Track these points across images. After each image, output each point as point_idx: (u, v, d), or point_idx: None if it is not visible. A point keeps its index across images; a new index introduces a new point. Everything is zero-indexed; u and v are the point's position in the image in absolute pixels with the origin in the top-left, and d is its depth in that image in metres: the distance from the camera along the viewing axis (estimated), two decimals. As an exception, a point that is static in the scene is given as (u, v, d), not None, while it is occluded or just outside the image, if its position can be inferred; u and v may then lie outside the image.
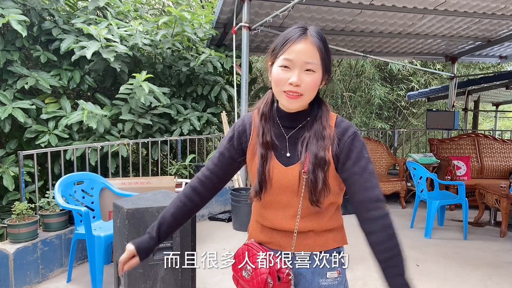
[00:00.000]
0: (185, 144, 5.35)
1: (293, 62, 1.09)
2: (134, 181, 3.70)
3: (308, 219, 1.19)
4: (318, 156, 1.12)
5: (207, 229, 4.56)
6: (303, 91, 1.10)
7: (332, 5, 4.52)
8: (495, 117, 11.35)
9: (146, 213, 2.10)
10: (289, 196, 1.18)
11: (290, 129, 1.19)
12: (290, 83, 1.09)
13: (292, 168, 1.16)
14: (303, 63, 1.09)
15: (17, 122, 4.26)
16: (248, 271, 1.18)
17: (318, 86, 1.14)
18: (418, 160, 5.58)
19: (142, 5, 6.06)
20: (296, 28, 1.12)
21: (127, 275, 2.09)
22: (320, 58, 1.10)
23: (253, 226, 1.32)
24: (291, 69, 1.10)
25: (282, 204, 1.19)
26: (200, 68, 5.49)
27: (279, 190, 1.18)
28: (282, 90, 1.12)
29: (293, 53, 1.09)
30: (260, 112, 1.22)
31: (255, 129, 1.22)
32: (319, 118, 1.17)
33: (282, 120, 1.20)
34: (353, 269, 3.44)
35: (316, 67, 1.10)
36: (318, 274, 1.21)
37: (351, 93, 10.43)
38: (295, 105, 1.13)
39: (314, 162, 1.12)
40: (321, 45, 1.10)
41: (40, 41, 4.72)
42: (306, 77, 1.10)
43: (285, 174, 1.16)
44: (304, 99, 1.13)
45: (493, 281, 3.26)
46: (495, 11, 4.78)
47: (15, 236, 3.01)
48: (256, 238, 1.28)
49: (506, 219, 4.31)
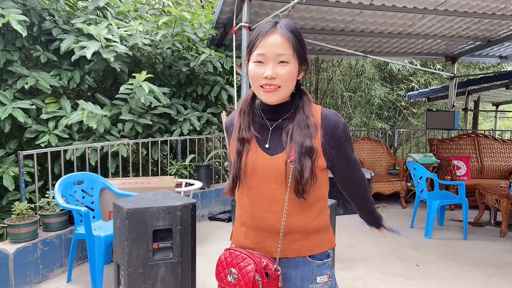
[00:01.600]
0: (185, 144, 5.35)
1: (266, 56, 1.11)
2: (134, 181, 3.70)
3: (296, 216, 1.17)
4: (304, 145, 1.13)
5: (207, 229, 4.56)
6: (279, 83, 1.11)
7: (332, 5, 4.52)
8: (495, 117, 11.35)
9: (146, 213, 2.10)
10: (274, 189, 1.16)
11: (274, 121, 1.21)
12: (265, 76, 1.11)
13: (278, 157, 1.16)
14: (275, 56, 1.10)
15: (17, 122, 4.26)
16: (234, 274, 1.15)
17: (295, 77, 1.15)
18: (418, 160, 5.58)
19: (142, 5, 6.06)
20: (266, 23, 1.15)
21: (127, 275, 2.09)
22: (291, 48, 1.11)
23: (236, 231, 1.29)
24: (265, 64, 1.12)
25: (267, 198, 1.18)
26: (200, 68, 5.49)
27: (266, 180, 1.17)
28: (259, 85, 1.13)
29: (265, 47, 1.11)
30: (239, 108, 1.25)
31: (235, 124, 1.25)
32: (301, 108, 1.18)
33: (265, 113, 1.22)
34: (353, 269, 3.44)
35: (289, 58, 1.11)
36: (308, 279, 1.19)
37: (351, 93, 10.43)
38: (273, 98, 1.14)
39: (300, 151, 1.12)
40: (291, 36, 1.11)
41: (40, 41, 4.72)
42: (280, 69, 1.11)
43: (271, 163, 1.16)
44: (282, 91, 1.13)
45: (493, 281, 3.26)
46: (495, 11, 4.78)
47: (15, 236, 3.01)
48: (240, 243, 1.24)
49: (506, 219, 4.31)
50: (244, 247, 1.22)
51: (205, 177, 5.11)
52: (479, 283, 3.21)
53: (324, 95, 10.22)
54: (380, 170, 6.24)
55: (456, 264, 3.60)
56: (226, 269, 1.18)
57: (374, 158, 6.31)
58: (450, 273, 3.41)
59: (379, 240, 4.26)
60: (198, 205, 4.92)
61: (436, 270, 3.48)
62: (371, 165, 6.23)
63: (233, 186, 1.22)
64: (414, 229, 4.66)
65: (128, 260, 2.08)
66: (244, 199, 1.23)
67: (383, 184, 5.62)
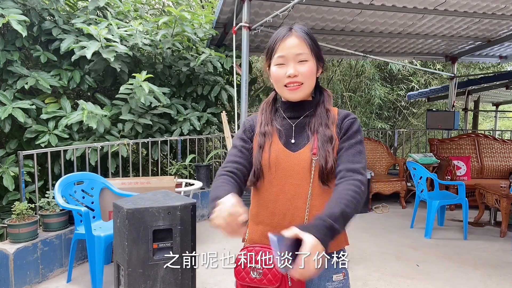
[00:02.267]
0: (185, 144, 5.35)
1: (286, 57, 1.19)
2: (134, 181, 3.70)
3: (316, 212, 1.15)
4: (325, 134, 1.20)
5: (207, 229, 4.56)
6: (301, 80, 1.19)
7: (332, 5, 4.52)
8: (495, 117, 11.35)
9: (146, 213, 2.10)
10: (298, 183, 1.19)
11: (295, 119, 1.26)
12: (288, 75, 1.19)
13: (301, 152, 1.21)
14: (295, 56, 1.19)
15: (17, 122, 4.26)
16: (258, 270, 1.15)
17: (314, 74, 1.23)
18: (418, 160, 5.58)
19: (142, 5, 6.06)
20: (281, 29, 1.24)
21: (127, 275, 2.09)
22: (308, 48, 1.20)
23: (252, 231, 1.28)
24: (286, 65, 1.20)
25: (290, 195, 1.20)
26: (200, 68, 5.49)
27: (288, 176, 1.20)
28: (283, 85, 1.21)
29: (284, 49, 1.19)
30: (261, 108, 1.33)
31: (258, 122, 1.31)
32: (322, 103, 1.27)
33: (287, 112, 1.28)
34: (353, 269, 3.44)
35: (308, 56, 1.20)
36: (325, 277, 1.20)
37: (351, 93, 10.43)
38: (298, 94, 1.21)
39: (322, 139, 1.19)
40: (306, 37, 1.20)
41: (40, 41, 4.72)
42: (301, 67, 1.19)
43: (294, 159, 1.20)
44: (305, 88, 1.21)
45: (493, 281, 3.26)
46: (495, 11, 4.78)
47: (15, 236, 3.01)
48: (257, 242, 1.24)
49: (506, 219, 4.30)
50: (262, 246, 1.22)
51: (205, 177, 5.11)
52: (479, 283, 3.21)
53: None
54: (380, 170, 6.24)
55: (456, 264, 3.59)
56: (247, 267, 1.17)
57: (374, 158, 6.31)
58: (450, 273, 3.41)
59: (379, 240, 4.26)
60: (198, 205, 4.91)
61: (436, 270, 3.47)
62: (371, 165, 6.23)
63: (256, 179, 1.24)
64: (414, 229, 4.66)
65: (128, 260, 2.08)
66: (263, 198, 1.24)
67: (383, 184, 5.62)
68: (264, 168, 1.22)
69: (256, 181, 1.25)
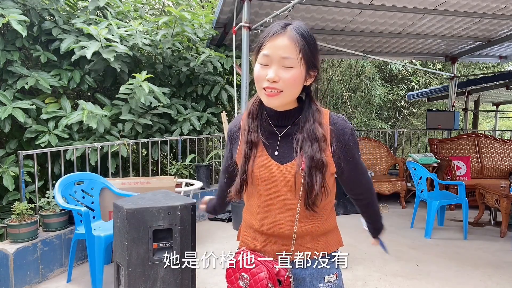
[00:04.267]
0: (185, 144, 5.35)
1: (270, 57, 1.07)
2: (134, 181, 3.70)
3: (306, 221, 1.17)
4: (314, 159, 1.09)
5: (207, 229, 4.56)
6: (281, 87, 1.07)
7: (332, 5, 4.52)
8: (495, 117, 11.36)
9: (146, 213, 2.10)
10: (285, 197, 1.15)
11: (282, 128, 1.17)
12: (267, 79, 1.06)
13: (288, 165, 1.13)
14: (280, 58, 1.06)
15: (17, 122, 4.26)
16: (246, 280, 1.13)
17: (299, 82, 1.09)
18: (418, 160, 5.58)
19: (142, 5, 6.06)
20: (277, 23, 1.10)
21: (127, 275, 2.09)
22: (298, 52, 1.06)
23: (245, 233, 1.27)
24: (269, 66, 1.07)
25: (277, 206, 1.16)
26: (200, 68, 5.49)
27: (275, 189, 1.15)
28: (262, 87, 1.09)
29: (270, 48, 1.06)
30: (248, 110, 1.21)
31: (242, 127, 1.21)
32: (311, 118, 1.13)
33: (272, 119, 1.17)
34: (353, 269, 3.44)
35: (294, 62, 1.06)
36: (317, 278, 1.20)
37: (351, 93, 10.43)
38: (274, 102, 1.10)
39: (310, 165, 1.09)
40: (299, 39, 1.06)
41: (40, 41, 4.72)
42: (284, 73, 1.06)
43: (282, 172, 1.14)
44: (284, 96, 1.08)
45: (493, 281, 3.26)
46: (495, 11, 4.78)
47: (15, 236, 3.01)
48: (249, 245, 1.23)
49: (506, 219, 4.30)
50: (253, 249, 1.21)
51: (205, 177, 5.11)
52: (479, 283, 3.21)
53: (324, 95, 10.22)
54: (380, 170, 6.24)
55: (456, 264, 3.59)
56: (237, 273, 1.16)
57: (374, 158, 6.31)
58: (450, 273, 3.41)
59: (379, 240, 4.25)
60: (198, 205, 4.91)
61: (436, 270, 3.47)
62: (371, 165, 6.23)
63: (240, 190, 1.19)
64: (414, 229, 4.66)
65: (128, 260, 2.08)
66: (254, 206, 1.21)
67: (383, 184, 5.62)
68: (250, 180, 1.17)
69: (241, 193, 1.20)
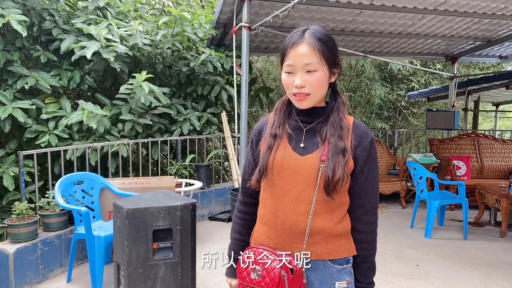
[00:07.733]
0: (185, 144, 5.35)
1: (294, 66, 1.16)
2: (134, 181, 3.70)
3: (320, 217, 1.17)
4: (338, 145, 1.17)
5: (207, 229, 4.56)
6: (309, 90, 1.16)
7: (332, 5, 4.52)
8: (495, 117, 11.36)
9: (146, 213, 2.10)
10: (302, 188, 1.17)
11: (308, 124, 1.24)
12: (295, 86, 1.16)
13: (309, 157, 1.19)
14: (303, 65, 1.14)
15: (17, 122, 4.26)
16: (258, 271, 1.15)
17: (324, 83, 1.18)
18: (418, 160, 5.58)
19: (142, 5, 6.06)
20: (295, 32, 1.19)
21: (127, 275, 2.09)
22: (319, 56, 1.14)
23: (257, 231, 1.29)
24: (294, 73, 1.16)
25: (293, 198, 1.18)
26: (200, 68, 5.49)
27: (292, 179, 1.18)
28: (292, 93, 1.19)
29: (292, 58, 1.16)
30: (275, 107, 1.31)
31: (270, 122, 1.29)
32: (336, 110, 1.23)
33: (300, 115, 1.25)
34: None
35: (317, 66, 1.15)
36: (326, 283, 1.20)
37: (351, 93, 10.42)
38: (304, 104, 1.19)
39: (333, 150, 1.16)
40: (317, 44, 1.15)
41: (40, 41, 4.72)
42: (309, 77, 1.15)
43: (301, 163, 1.18)
44: (313, 98, 1.18)
45: (493, 281, 3.26)
46: (495, 11, 4.78)
47: (15, 236, 3.01)
48: (261, 243, 1.24)
49: (506, 219, 4.31)
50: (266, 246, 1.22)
51: (205, 177, 5.11)
52: (479, 283, 3.21)
53: (324, 95, 10.18)
54: (380, 170, 6.24)
55: (456, 264, 3.59)
56: (249, 267, 1.17)
57: (374, 158, 6.30)
58: (450, 273, 3.41)
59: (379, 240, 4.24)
60: (198, 205, 4.91)
61: (436, 270, 3.47)
62: (371, 165, 6.22)
63: (259, 177, 1.23)
64: (414, 229, 4.66)
65: (128, 260, 2.08)
66: (268, 198, 1.24)
67: (383, 184, 5.62)
68: (270, 168, 1.21)
69: (260, 180, 1.24)
